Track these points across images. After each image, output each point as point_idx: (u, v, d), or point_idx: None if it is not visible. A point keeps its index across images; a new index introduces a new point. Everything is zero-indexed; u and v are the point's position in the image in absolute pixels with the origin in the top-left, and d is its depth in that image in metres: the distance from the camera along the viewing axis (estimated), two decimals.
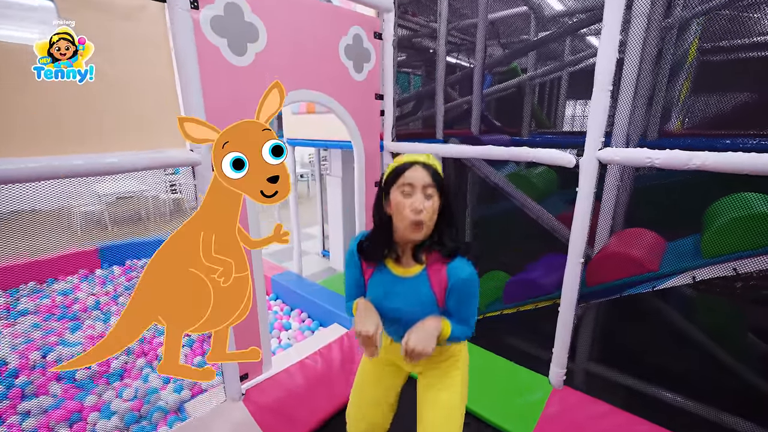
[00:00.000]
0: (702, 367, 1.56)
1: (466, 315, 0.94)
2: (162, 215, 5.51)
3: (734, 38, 3.11)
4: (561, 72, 4.40)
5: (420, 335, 0.85)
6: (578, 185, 1.34)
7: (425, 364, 1.06)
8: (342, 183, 3.50)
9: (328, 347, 1.88)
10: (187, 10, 1.14)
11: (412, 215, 0.85)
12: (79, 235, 4.08)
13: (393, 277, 0.96)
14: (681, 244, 1.48)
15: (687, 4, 2.59)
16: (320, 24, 1.58)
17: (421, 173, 0.86)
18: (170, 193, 5.80)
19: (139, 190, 4.90)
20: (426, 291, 0.93)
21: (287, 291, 2.78)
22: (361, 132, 1.88)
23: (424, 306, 0.93)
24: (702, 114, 3.12)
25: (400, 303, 0.94)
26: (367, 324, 0.88)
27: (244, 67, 1.34)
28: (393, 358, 1.12)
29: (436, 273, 0.92)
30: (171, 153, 1.17)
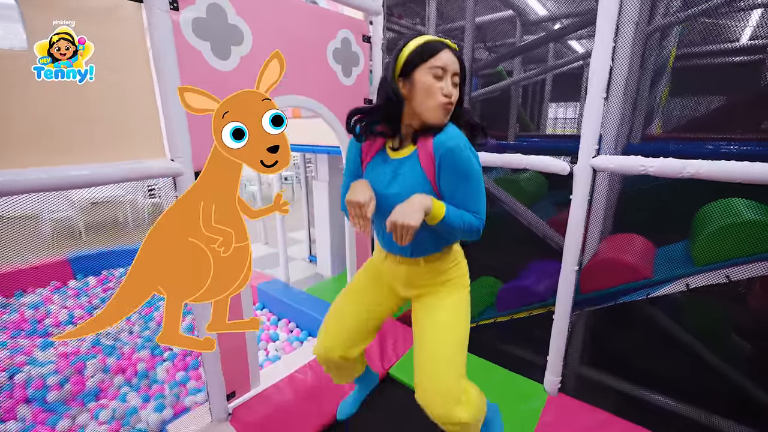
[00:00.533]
0: (693, 370, 1.58)
1: (466, 199, 0.85)
2: (141, 221, 5.30)
3: (709, 44, 3.22)
4: (545, 75, 4.47)
5: (403, 207, 0.79)
6: (572, 193, 1.33)
7: (421, 286, 0.99)
8: (329, 187, 3.44)
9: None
10: (166, 12, 1.07)
11: (442, 99, 0.82)
12: (49, 243, 3.87)
13: (389, 160, 0.92)
14: (671, 250, 1.49)
15: (667, 11, 2.66)
16: (308, 27, 1.52)
17: (452, 58, 0.84)
18: (149, 198, 5.59)
19: (116, 195, 4.69)
20: (416, 168, 0.87)
21: (274, 300, 2.70)
22: (349, 137, 1.83)
23: (416, 187, 0.86)
24: (680, 118, 3.22)
25: (395, 187, 0.89)
26: (359, 194, 0.83)
27: (228, 71, 1.28)
28: (387, 277, 1.04)
29: (423, 147, 0.87)
30: (150, 164, 1.10)
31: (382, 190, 0.91)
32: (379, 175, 0.93)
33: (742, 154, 1.92)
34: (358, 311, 1.07)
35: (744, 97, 2.78)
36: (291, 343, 2.31)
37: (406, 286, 1.02)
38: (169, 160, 1.16)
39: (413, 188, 0.86)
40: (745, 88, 2.95)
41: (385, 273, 1.05)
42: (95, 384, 2.02)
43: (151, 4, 1.04)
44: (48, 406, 1.86)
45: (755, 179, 1.03)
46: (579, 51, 4.67)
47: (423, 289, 1.00)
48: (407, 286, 1.02)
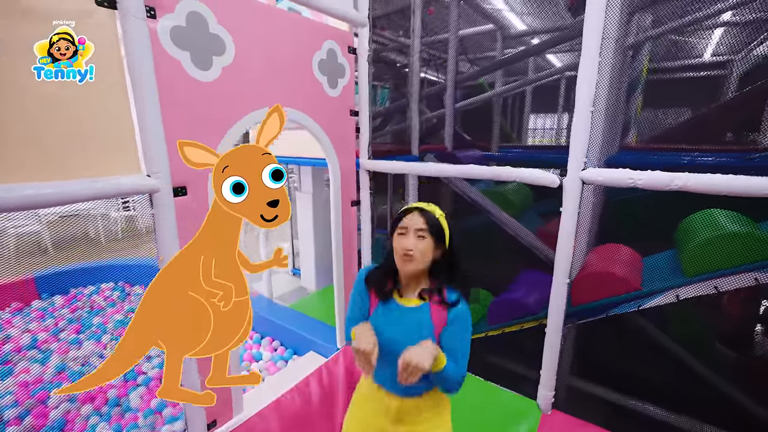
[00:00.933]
0: (682, 379, 1.59)
1: (458, 352, 0.97)
2: (113, 235, 5.03)
3: (677, 60, 3.40)
4: (525, 87, 4.59)
5: (417, 349, 0.88)
6: (562, 205, 1.33)
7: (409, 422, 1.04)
8: (313, 199, 3.37)
9: (305, 381, 1.74)
10: (143, 19, 1.01)
11: (401, 251, 0.97)
12: (12, 261, 3.62)
13: (396, 306, 1.03)
14: (657, 260, 1.51)
15: (640, 29, 2.78)
16: (293, 37, 1.49)
17: (415, 218, 0.98)
18: (122, 211, 5.32)
19: (86, 209, 4.44)
20: (426, 320, 0.98)
21: (257, 317, 2.58)
22: (336, 149, 1.79)
23: (422, 333, 0.97)
24: (654, 128, 3.36)
25: (399, 332, 0.99)
26: (363, 342, 0.90)
27: (209, 82, 1.22)
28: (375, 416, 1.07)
29: (437, 310, 0.99)
30: (124, 180, 1.02)
31: (382, 330, 0.99)
32: (383, 316, 1.02)
33: (717, 165, 2.00)
34: None
35: (709, 109, 2.94)
36: (275, 362, 2.22)
37: (394, 422, 1.05)
38: (145, 176, 1.08)
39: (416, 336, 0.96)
40: (709, 102, 3.12)
41: (373, 409, 1.08)
42: (60, 415, 1.87)
43: (125, 11, 0.98)
44: None
45: (738, 192, 1.05)
46: (557, 65, 4.83)
47: (410, 427, 1.05)
48: (396, 422, 1.05)
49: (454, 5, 2.55)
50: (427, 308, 1.00)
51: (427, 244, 0.97)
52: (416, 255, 0.96)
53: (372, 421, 1.08)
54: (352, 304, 1.10)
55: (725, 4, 2.45)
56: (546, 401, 1.53)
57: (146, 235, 1.24)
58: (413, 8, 2.22)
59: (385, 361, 0.99)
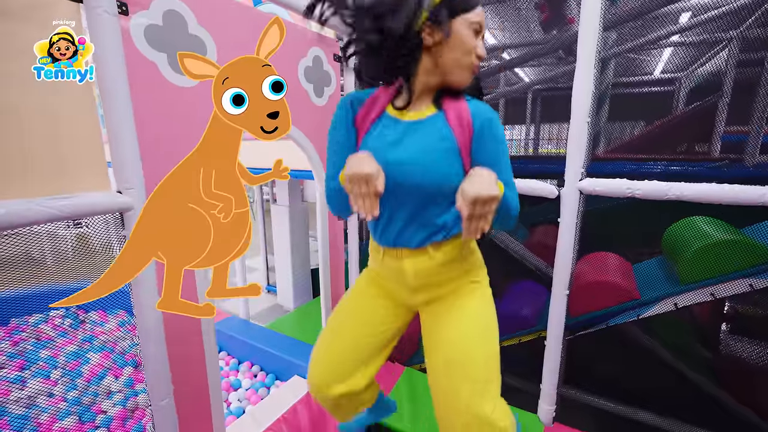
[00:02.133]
0: (672, 384, 1.62)
1: (506, 168, 0.77)
2: (62, 255, 4.57)
3: (634, 75, 3.65)
4: (497, 101, 4.74)
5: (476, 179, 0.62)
6: (560, 216, 1.32)
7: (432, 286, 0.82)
8: (290, 212, 3.23)
9: (293, 411, 1.61)
10: (114, 15, 0.89)
11: (476, 60, 0.75)
12: None
13: (396, 121, 0.79)
14: (647, 267, 1.54)
15: (605, 45, 2.95)
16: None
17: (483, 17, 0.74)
18: (73, 228, 4.86)
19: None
20: (444, 130, 0.75)
21: (233, 341, 2.40)
22: (323, 159, 1.70)
23: (440, 149, 0.74)
24: (618, 139, 3.57)
25: (408, 151, 0.75)
26: (365, 165, 0.65)
27: (188, 87, 1.10)
28: (389, 284, 0.87)
29: (454, 110, 0.76)
30: (90, 197, 0.88)
31: (386, 154, 0.75)
32: (385, 136, 0.78)
33: (686, 174, 2.12)
34: (358, 332, 0.89)
35: (662, 122, 3.18)
36: (256, 390, 2.04)
37: (413, 291, 0.85)
38: (115, 192, 0.94)
39: (433, 152, 0.74)
40: (662, 115, 3.40)
41: (384, 278, 0.88)
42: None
43: (93, 6, 0.85)
44: None
45: (731, 200, 1.09)
46: (524, 79, 5.03)
47: (435, 291, 0.84)
48: (414, 290, 0.84)
49: None
50: (441, 115, 0.77)
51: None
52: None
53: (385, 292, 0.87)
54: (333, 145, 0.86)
55: (675, 27, 2.66)
56: (547, 415, 1.50)
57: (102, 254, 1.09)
58: None
59: (392, 198, 0.77)
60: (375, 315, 0.90)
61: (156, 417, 1.11)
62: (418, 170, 0.75)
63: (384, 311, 0.90)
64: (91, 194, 0.90)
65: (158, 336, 1.06)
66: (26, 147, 0.82)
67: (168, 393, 1.11)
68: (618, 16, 2.67)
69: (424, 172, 0.75)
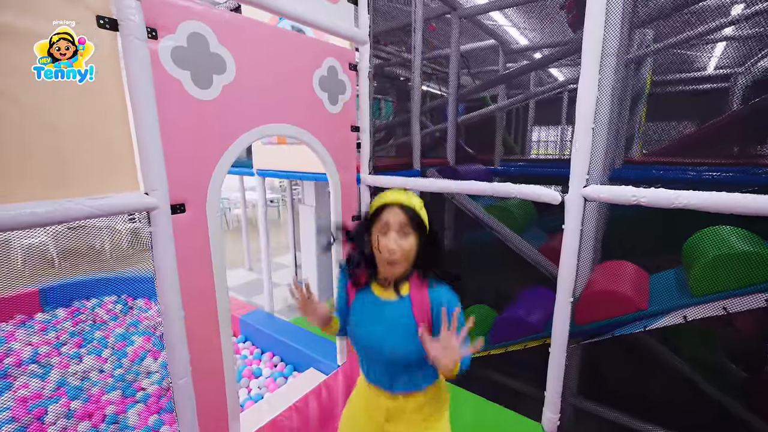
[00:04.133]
0: (690, 398, 1.53)
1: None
2: (119, 247, 5.07)
3: (680, 73, 3.39)
4: (528, 101, 4.60)
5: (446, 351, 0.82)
6: (564, 222, 1.31)
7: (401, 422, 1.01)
8: (315, 212, 3.38)
9: (304, 400, 1.71)
10: (144, 41, 1.03)
11: (385, 254, 0.90)
12: (18, 273, 3.65)
13: (375, 299, 0.99)
14: (663, 278, 1.47)
15: (642, 43, 2.79)
16: (293, 55, 1.50)
17: (396, 213, 0.90)
18: (128, 223, 5.37)
19: (91, 221, 4.48)
20: (407, 313, 0.94)
21: (257, 332, 2.56)
22: (336, 165, 1.79)
23: (404, 330, 0.93)
24: (657, 142, 3.34)
25: (378, 328, 0.96)
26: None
27: (209, 100, 1.23)
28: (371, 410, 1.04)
29: (418, 297, 0.94)
30: (120, 198, 1.02)
31: (361, 325, 0.98)
32: (362, 310, 1.00)
33: (722, 182, 1.97)
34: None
35: (714, 122, 2.91)
36: (275, 379, 2.18)
37: (387, 419, 1.03)
38: (142, 194, 1.08)
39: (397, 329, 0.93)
40: (714, 114, 3.10)
41: (367, 399, 1.07)
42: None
43: (127, 33, 0.99)
44: None
45: (743, 210, 1.03)
46: (559, 78, 4.84)
47: (404, 425, 1.02)
48: (388, 420, 1.03)
49: (456, 22, 2.58)
50: (407, 300, 0.94)
51: (411, 241, 0.91)
52: (400, 257, 0.90)
53: (366, 420, 1.06)
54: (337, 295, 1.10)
55: (726, 19, 2.45)
56: (551, 423, 1.48)
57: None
58: (414, 26, 2.25)
59: (370, 358, 0.99)
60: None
61: (175, 394, 1.24)
62: (387, 346, 0.94)
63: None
64: (123, 195, 1.04)
65: (178, 320, 1.20)
66: (74, 153, 0.97)
67: (186, 373, 1.24)
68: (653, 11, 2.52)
69: (391, 349, 0.94)
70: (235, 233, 6.60)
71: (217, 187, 1.28)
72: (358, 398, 1.12)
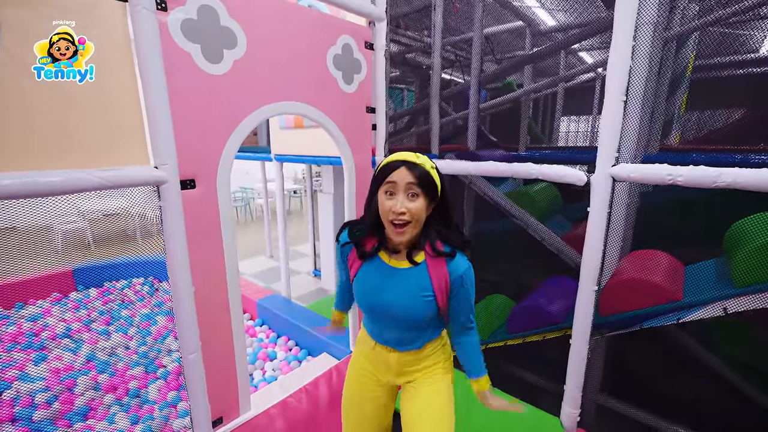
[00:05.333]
0: (725, 400, 1.40)
1: (469, 315, 0.97)
2: (149, 234, 5.33)
3: (727, 55, 3.10)
4: (556, 88, 4.38)
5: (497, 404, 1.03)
6: (590, 205, 1.21)
7: (410, 373, 1.03)
8: (333, 199, 3.37)
9: (314, 383, 1.70)
10: (153, 12, 1.01)
11: (392, 216, 0.85)
12: (59, 254, 3.87)
13: (386, 267, 0.93)
14: (701, 268, 1.34)
15: (684, 18, 2.56)
16: (306, 31, 1.47)
17: (404, 173, 0.85)
18: (157, 211, 5.59)
19: (125, 207, 4.71)
20: (425, 283, 0.90)
21: (274, 316, 2.59)
22: (351, 147, 1.75)
23: (421, 300, 0.90)
24: (699, 128, 3.07)
25: (393, 295, 0.92)
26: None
27: (220, 75, 1.21)
28: (377, 369, 1.06)
29: (435, 267, 0.90)
30: (130, 171, 1.02)
31: (373, 296, 0.94)
32: (372, 279, 0.95)
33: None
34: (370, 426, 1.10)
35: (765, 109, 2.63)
36: (289, 362, 2.20)
37: (396, 375, 1.04)
38: (152, 168, 1.09)
39: (414, 299, 0.91)
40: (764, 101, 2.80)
41: (373, 362, 1.07)
42: (85, 402, 1.94)
43: (135, 3, 0.98)
44: (34, 426, 1.77)
45: None
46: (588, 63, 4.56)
47: (412, 375, 1.04)
48: (398, 375, 1.04)
49: (479, 2, 2.46)
50: (424, 267, 0.91)
51: (420, 203, 0.85)
52: (409, 219, 0.85)
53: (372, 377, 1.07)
54: (338, 278, 1.10)
55: None
56: (570, 419, 1.40)
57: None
58: (434, 4, 2.16)
59: (382, 322, 0.98)
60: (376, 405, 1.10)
61: (186, 369, 1.26)
62: (398, 309, 0.92)
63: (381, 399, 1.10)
64: (133, 168, 1.05)
65: (188, 297, 1.20)
66: (84, 126, 0.98)
67: (196, 348, 1.25)
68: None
69: (401, 313, 0.93)
70: (258, 222, 6.74)
71: (227, 164, 1.27)
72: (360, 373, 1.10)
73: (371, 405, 1.09)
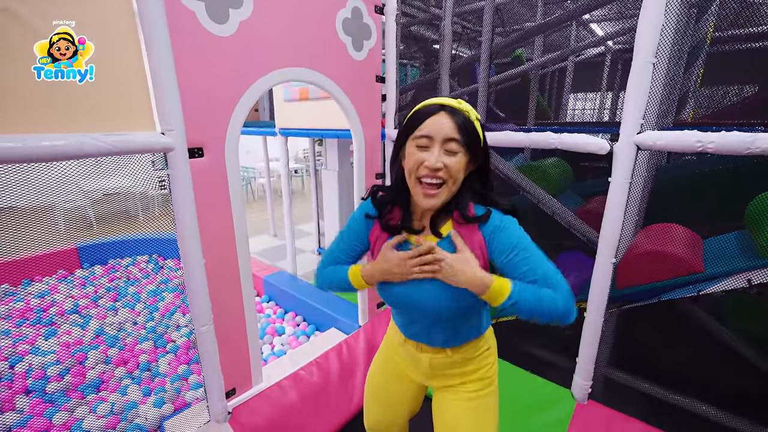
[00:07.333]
0: (738, 373, 1.40)
1: (531, 266, 0.69)
2: (150, 212, 5.29)
3: (747, 26, 2.95)
4: (565, 63, 4.24)
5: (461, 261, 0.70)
6: (611, 175, 1.17)
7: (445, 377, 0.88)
8: (338, 176, 3.32)
9: (324, 356, 1.71)
10: None
11: (424, 171, 0.68)
12: (62, 232, 3.85)
13: (408, 248, 0.77)
14: (722, 241, 1.32)
15: None
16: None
17: (444, 121, 0.67)
18: (159, 190, 5.56)
19: (126, 186, 4.66)
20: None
21: (280, 292, 2.59)
22: (360, 118, 1.69)
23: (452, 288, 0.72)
24: (717, 103, 2.96)
25: (416, 280, 0.75)
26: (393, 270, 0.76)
27: (226, 37, 1.15)
28: (404, 366, 0.94)
29: (466, 238, 0.73)
30: (136, 136, 0.98)
31: (406, 283, 0.77)
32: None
33: None
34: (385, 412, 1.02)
35: None
36: (297, 337, 2.21)
37: (428, 377, 0.91)
38: (159, 134, 1.04)
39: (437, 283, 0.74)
40: None
41: (404, 359, 0.94)
42: (96, 375, 1.96)
43: None
44: (47, 397, 1.79)
45: None
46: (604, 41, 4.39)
47: (448, 381, 0.89)
48: (429, 377, 0.91)
49: None
50: (451, 241, 0.74)
51: (459, 161, 0.67)
52: (446, 178, 0.67)
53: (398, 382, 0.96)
54: (339, 242, 0.86)
55: None
56: (582, 391, 1.41)
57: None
58: None
59: (407, 313, 0.84)
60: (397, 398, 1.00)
61: (199, 341, 1.25)
62: (429, 301, 0.76)
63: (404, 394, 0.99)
64: (138, 134, 1.00)
65: (199, 268, 1.18)
66: (88, 90, 0.93)
67: (208, 320, 1.24)
68: None
69: (435, 303, 0.76)
70: (260, 202, 6.70)
71: (235, 133, 1.23)
72: (388, 360, 0.99)
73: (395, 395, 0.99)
